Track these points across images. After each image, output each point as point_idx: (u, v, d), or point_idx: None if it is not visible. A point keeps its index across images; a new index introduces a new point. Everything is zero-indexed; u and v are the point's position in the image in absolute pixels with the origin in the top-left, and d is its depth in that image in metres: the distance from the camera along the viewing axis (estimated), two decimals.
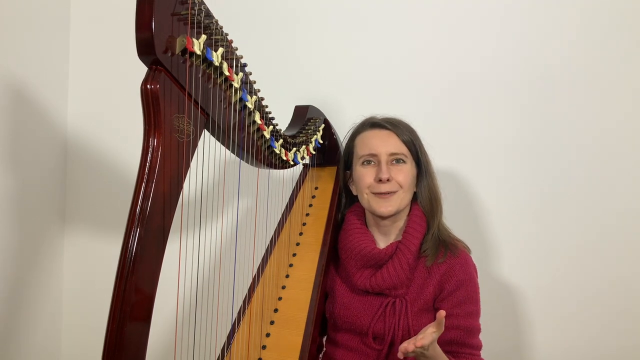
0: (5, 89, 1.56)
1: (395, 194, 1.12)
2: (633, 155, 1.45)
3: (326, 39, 1.66)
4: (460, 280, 1.10)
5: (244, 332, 1.06)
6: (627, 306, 1.46)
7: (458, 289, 1.10)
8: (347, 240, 1.17)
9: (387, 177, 1.10)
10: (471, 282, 1.11)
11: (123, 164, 1.80)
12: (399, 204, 1.13)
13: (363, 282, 1.12)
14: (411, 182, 1.15)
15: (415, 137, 1.17)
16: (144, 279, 0.72)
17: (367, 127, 1.18)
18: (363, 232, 1.17)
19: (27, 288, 1.69)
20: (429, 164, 1.18)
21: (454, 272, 1.10)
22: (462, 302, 1.09)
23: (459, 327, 1.08)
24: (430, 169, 1.18)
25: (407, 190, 1.14)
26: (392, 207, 1.12)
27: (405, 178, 1.12)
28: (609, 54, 1.46)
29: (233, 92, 0.91)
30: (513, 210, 1.53)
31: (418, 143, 1.17)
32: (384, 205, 1.12)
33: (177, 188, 0.78)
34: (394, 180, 1.12)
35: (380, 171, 1.11)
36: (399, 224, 1.17)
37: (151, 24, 0.70)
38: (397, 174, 1.12)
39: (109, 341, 0.70)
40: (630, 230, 1.45)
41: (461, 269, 1.11)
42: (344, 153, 1.24)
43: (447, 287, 1.10)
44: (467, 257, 1.14)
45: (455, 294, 1.10)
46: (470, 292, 1.10)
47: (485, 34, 1.54)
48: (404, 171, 1.13)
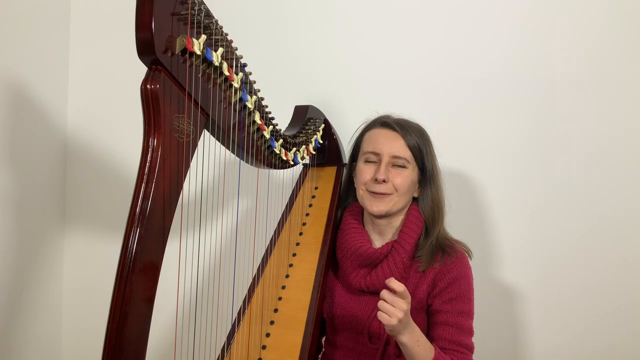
0: (5, 89, 1.56)
1: (389, 196, 1.12)
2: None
3: (326, 39, 1.66)
4: (453, 277, 1.09)
5: (244, 332, 1.06)
6: (629, 308, 1.45)
7: (450, 286, 1.09)
8: (343, 240, 1.17)
9: (383, 179, 1.11)
10: (464, 280, 1.10)
11: (123, 164, 1.81)
12: (391, 206, 1.13)
13: (358, 281, 1.13)
14: (408, 188, 1.14)
15: (425, 144, 1.15)
16: (144, 279, 0.72)
17: (377, 125, 1.18)
18: (359, 231, 1.17)
19: (27, 288, 1.69)
20: (435, 172, 1.16)
21: (449, 269, 1.10)
22: (454, 299, 1.09)
23: (448, 324, 1.08)
24: (436, 177, 1.16)
25: (403, 195, 1.13)
26: (383, 208, 1.12)
27: (402, 183, 1.12)
28: (619, 54, 1.45)
29: (233, 92, 0.91)
30: (517, 211, 1.52)
31: (426, 150, 1.15)
32: (376, 204, 1.13)
33: (177, 188, 0.78)
34: (391, 182, 1.12)
35: (378, 171, 1.12)
36: (394, 223, 1.17)
37: (151, 24, 0.70)
38: (395, 177, 1.12)
39: (109, 341, 0.70)
40: (635, 232, 1.44)
41: (456, 267, 1.10)
42: (354, 145, 1.25)
43: (440, 284, 1.09)
44: (463, 257, 1.13)
45: (447, 291, 1.09)
46: (463, 291, 1.10)
47: (486, 33, 1.54)
48: (402, 175, 1.12)
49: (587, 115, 1.48)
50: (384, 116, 1.20)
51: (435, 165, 1.17)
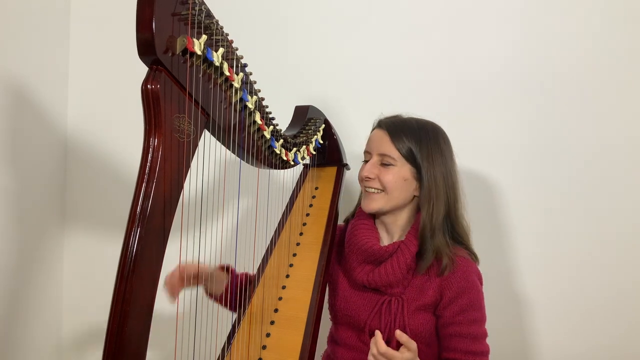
0: (5, 89, 1.56)
1: (379, 194, 1.14)
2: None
3: (327, 39, 1.66)
4: (460, 288, 1.09)
5: (244, 332, 1.06)
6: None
7: (459, 297, 1.09)
8: (351, 235, 1.19)
9: (367, 175, 1.14)
10: (473, 288, 1.10)
11: (123, 164, 1.80)
12: (382, 204, 1.14)
13: (362, 277, 1.14)
14: (399, 185, 1.12)
15: (419, 143, 1.12)
16: (144, 279, 0.72)
17: (375, 126, 1.21)
18: (369, 228, 1.18)
19: (27, 288, 1.69)
20: (432, 171, 1.12)
21: (454, 278, 1.09)
22: (465, 309, 1.09)
23: (462, 335, 1.08)
24: (432, 175, 1.12)
25: (393, 192, 1.12)
26: (375, 206, 1.14)
27: (391, 180, 1.12)
28: (626, 54, 1.45)
29: (233, 92, 0.91)
30: (521, 212, 1.52)
31: (421, 150, 1.11)
32: (368, 202, 1.16)
33: (178, 188, 0.78)
34: (378, 179, 1.13)
35: (363, 168, 1.17)
36: (400, 223, 1.17)
37: (152, 24, 0.70)
38: (384, 174, 1.13)
39: (109, 341, 0.70)
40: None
41: (461, 275, 1.10)
42: None
43: (448, 294, 1.09)
44: (468, 263, 1.12)
45: (457, 302, 1.09)
46: (472, 299, 1.09)
47: (486, 33, 1.54)
48: (390, 172, 1.12)
49: (603, 116, 1.46)
50: (384, 117, 1.21)
51: (433, 165, 1.12)
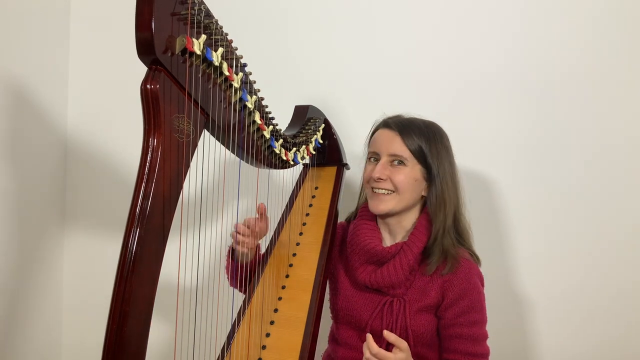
0: (5, 89, 1.56)
1: (390, 195, 1.13)
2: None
3: (327, 38, 1.66)
4: (462, 289, 1.09)
5: (244, 332, 1.06)
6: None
7: (461, 298, 1.09)
8: (354, 235, 1.19)
9: (379, 176, 1.12)
10: (474, 290, 1.10)
11: (123, 164, 1.80)
12: (393, 205, 1.13)
13: (364, 277, 1.14)
14: (410, 186, 1.12)
15: (428, 143, 1.12)
16: (144, 279, 0.72)
17: (381, 126, 1.19)
18: (371, 228, 1.18)
19: (27, 288, 1.69)
20: (443, 171, 1.13)
21: (456, 280, 1.09)
22: (466, 311, 1.09)
23: (462, 337, 1.09)
24: (443, 176, 1.13)
25: (404, 192, 1.12)
26: (385, 207, 1.13)
27: (403, 180, 1.11)
28: (626, 54, 1.45)
29: (233, 92, 0.91)
30: (521, 212, 1.52)
31: (430, 149, 1.12)
32: (377, 203, 1.14)
33: (177, 188, 0.78)
34: (389, 180, 1.12)
35: (374, 169, 1.13)
36: (404, 224, 1.17)
37: (151, 23, 0.70)
38: (396, 174, 1.12)
39: (109, 341, 0.70)
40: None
41: (463, 277, 1.10)
42: (367, 145, 1.25)
43: (450, 296, 1.09)
44: (470, 265, 1.12)
45: (459, 303, 1.09)
46: (473, 301, 1.09)
47: (487, 33, 1.54)
48: (402, 173, 1.12)
49: (604, 115, 1.45)
50: (388, 117, 1.20)
51: (443, 164, 1.13)
